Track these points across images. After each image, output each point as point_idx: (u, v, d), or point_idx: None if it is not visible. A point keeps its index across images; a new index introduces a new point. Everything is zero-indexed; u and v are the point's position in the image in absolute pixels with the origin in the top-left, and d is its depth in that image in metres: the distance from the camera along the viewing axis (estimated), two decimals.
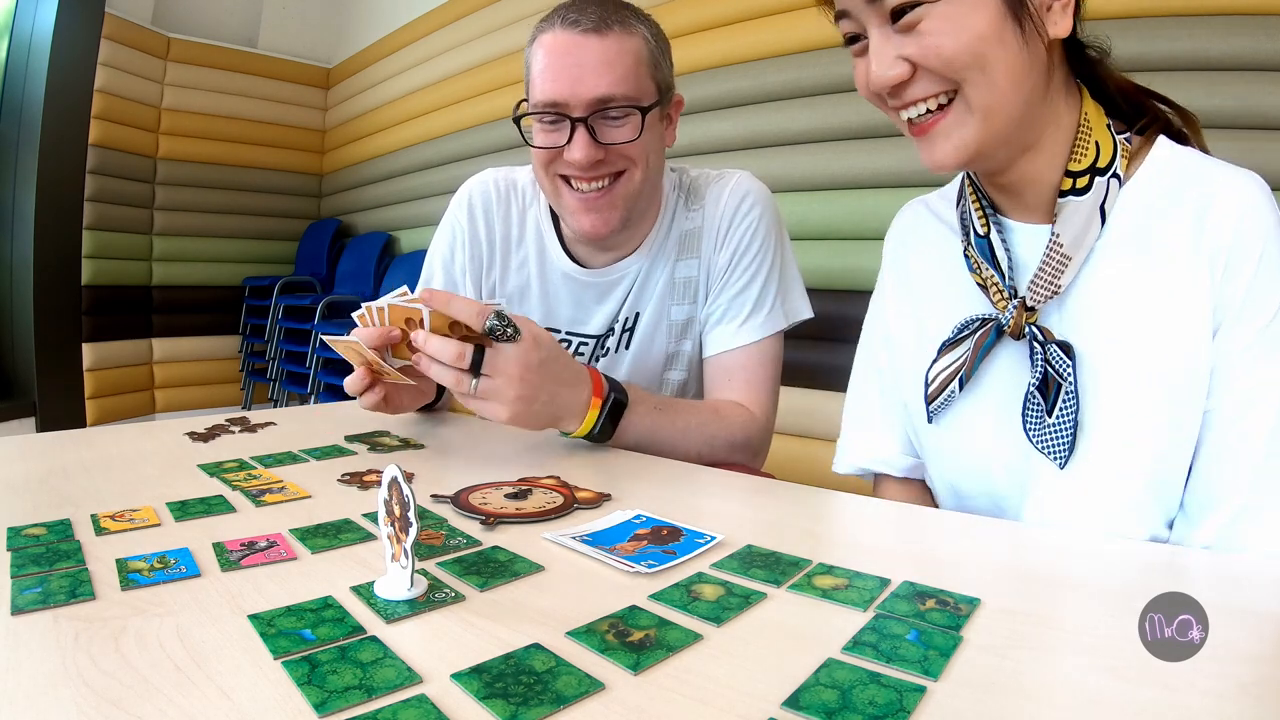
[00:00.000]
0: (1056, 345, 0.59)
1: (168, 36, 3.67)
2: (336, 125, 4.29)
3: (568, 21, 0.85)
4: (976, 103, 0.57)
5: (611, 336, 1.01)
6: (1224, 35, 1.44)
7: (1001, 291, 0.63)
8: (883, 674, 0.34)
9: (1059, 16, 0.57)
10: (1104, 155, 0.60)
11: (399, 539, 0.42)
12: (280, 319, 3.63)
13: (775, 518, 0.59)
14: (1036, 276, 0.61)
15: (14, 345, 3.25)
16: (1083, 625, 0.40)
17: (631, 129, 0.86)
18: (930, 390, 0.67)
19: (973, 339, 0.65)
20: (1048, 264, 0.61)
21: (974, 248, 0.66)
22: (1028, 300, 0.62)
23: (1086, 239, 0.60)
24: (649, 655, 0.36)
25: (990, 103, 0.57)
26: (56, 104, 3.12)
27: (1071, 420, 0.59)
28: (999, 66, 0.56)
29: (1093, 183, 0.60)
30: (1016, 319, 0.62)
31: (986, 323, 0.64)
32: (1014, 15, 0.55)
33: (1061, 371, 0.59)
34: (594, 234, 0.91)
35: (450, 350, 0.70)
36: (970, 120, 0.58)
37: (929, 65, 0.57)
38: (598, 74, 0.84)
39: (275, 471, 0.68)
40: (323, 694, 0.32)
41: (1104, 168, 0.60)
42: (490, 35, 3.16)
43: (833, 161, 1.96)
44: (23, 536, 0.49)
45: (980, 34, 0.55)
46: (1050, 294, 0.61)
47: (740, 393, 0.94)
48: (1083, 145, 0.61)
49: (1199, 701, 0.32)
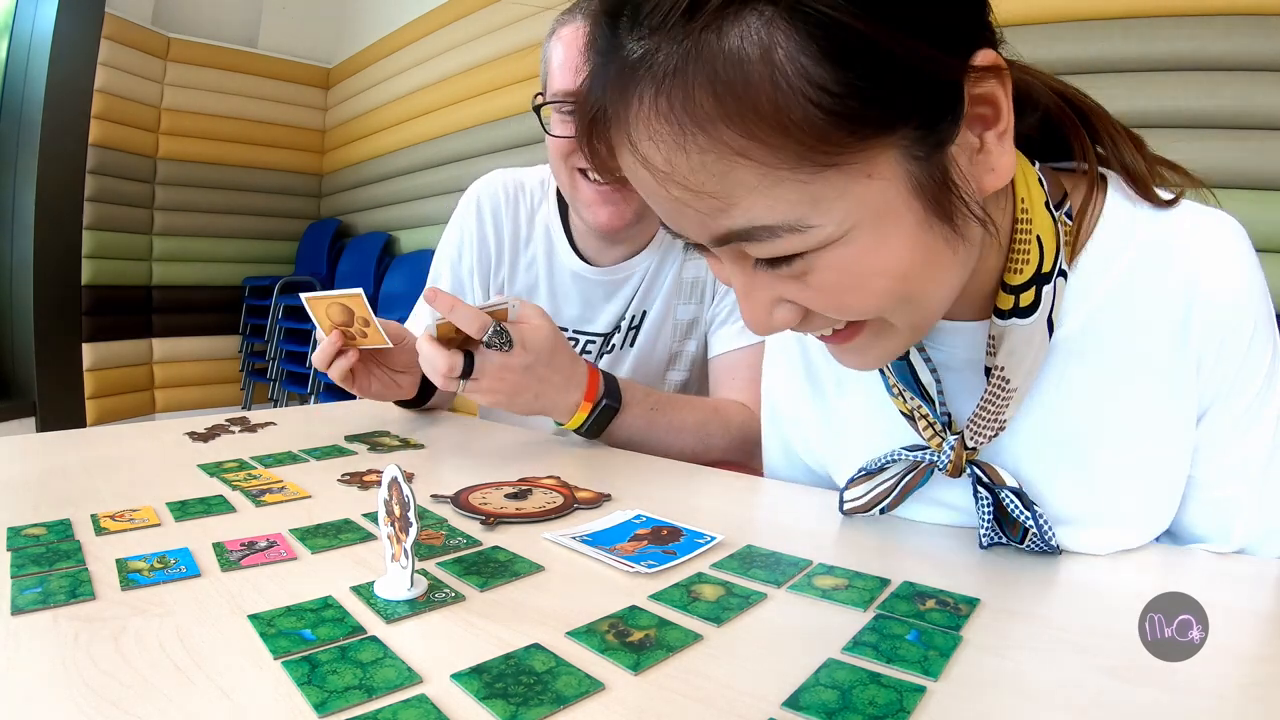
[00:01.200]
0: (1011, 493, 0.48)
1: (168, 36, 3.67)
2: (336, 125, 4.29)
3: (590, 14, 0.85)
4: (901, 324, 0.44)
5: (617, 334, 1.01)
6: (1224, 35, 1.44)
7: (932, 425, 0.52)
8: (883, 674, 0.34)
9: (996, 156, 0.40)
10: (1048, 254, 0.47)
11: (399, 539, 0.42)
12: (280, 319, 3.63)
13: (775, 518, 0.59)
14: (976, 417, 0.50)
15: (14, 345, 3.25)
16: (1083, 625, 0.40)
17: None
18: (846, 506, 0.56)
19: (900, 478, 0.53)
20: (990, 404, 0.49)
21: (891, 370, 0.53)
22: (967, 439, 0.50)
23: (1035, 363, 0.48)
24: (649, 655, 0.36)
25: (918, 321, 0.45)
26: (56, 104, 3.12)
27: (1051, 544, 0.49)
28: (926, 289, 0.42)
29: (1039, 297, 0.46)
30: (955, 460, 0.50)
31: (917, 466, 0.53)
32: (940, 214, 0.39)
33: (1024, 521, 0.48)
34: (608, 227, 0.91)
35: (441, 364, 0.73)
36: (892, 336, 0.45)
37: (835, 315, 0.43)
38: None
39: (275, 471, 0.68)
40: (323, 694, 0.32)
41: (1049, 272, 0.47)
42: (490, 35, 3.16)
43: None
44: (23, 536, 0.49)
45: (899, 268, 0.40)
46: (995, 433, 0.50)
47: (743, 392, 0.94)
48: (1022, 251, 0.46)
49: (1199, 701, 0.32)
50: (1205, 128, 1.48)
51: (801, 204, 0.37)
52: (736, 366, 0.96)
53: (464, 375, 0.74)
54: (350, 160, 4.13)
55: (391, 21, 3.81)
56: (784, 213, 0.37)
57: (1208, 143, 1.47)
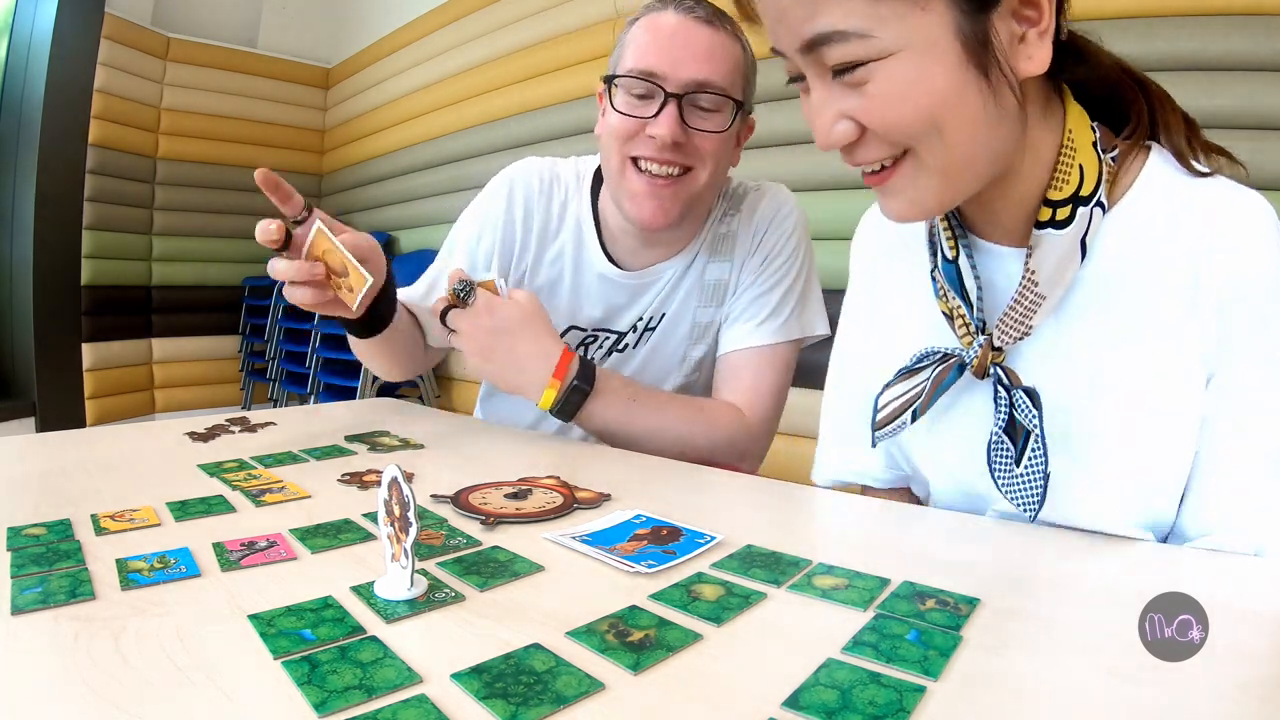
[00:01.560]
0: (1023, 392, 0.53)
1: (167, 36, 3.67)
2: (336, 125, 4.29)
3: (683, 8, 0.86)
4: (932, 165, 0.51)
5: (631, 334, 1.00)
6: (1224, 35, 1.44)
7: (968, 325, 0.58)
8: (883, 674, 0.34)
9: (1034, 49, 0.49)
10: (1088, 181, 0.53)
11: (399, 539, 0.42)
12: (280, 319, 3.63)
13: (775, 518, 0.59)
14: (1006, 316, 0.55)
15: (14, 345, 3.25)
16: (1083, 625, 0.40)
17: (721, 120, 0.87)
18: (879, 416, 0.62)
19: (932, 373, 0.59)
20: (1019, 303, 0.55)
21: (940, 272, 0.60)
22: (995, 340, 0.56)
23: (1064, 276, 0.54)
24: (649, 655, 0.36)
25: (948, 164, 0.51)
26: (56, 104, 3.12)
27: (1041, 472, 0.53)
28: (958, 128, 0.49)
29: (1074, 214, 0.53)
30: (981, 359, 0.56)
31: (948, 359, 0.58)
32: (977, 64, 0.47)
33: (1027, 422, 0.53)
34: (651, 222, 0.89)
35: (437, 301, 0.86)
36: (926, 179, 0.52)
37: (878, 130, 0.50)
38: (700, 59, 0.84)
39: (275, 471, 0.68)
40: (323, 694, 0.32)
41: (1087, 196, 0.53)
42: (490, 35, 3.16)
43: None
44: (23, 536, 0.49)
45: (936, 95, 0.48)
46: (1020, 335, 0.55)
47: (740, 394, 0.94)
48: (1064, 171, 0.54)
49: (1199, 701, 0.33)
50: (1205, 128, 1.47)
51: (868, 17, 0.47)
52: (739, 368, 0.95)
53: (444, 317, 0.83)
54: (350, 160, 4.13)
55: (391, 21, 3.81)
56: (853, 22, 0.47)
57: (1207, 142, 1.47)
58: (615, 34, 2.76)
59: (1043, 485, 0.53)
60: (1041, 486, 0.53)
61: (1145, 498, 0.54)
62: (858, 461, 0.72)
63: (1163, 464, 0.54)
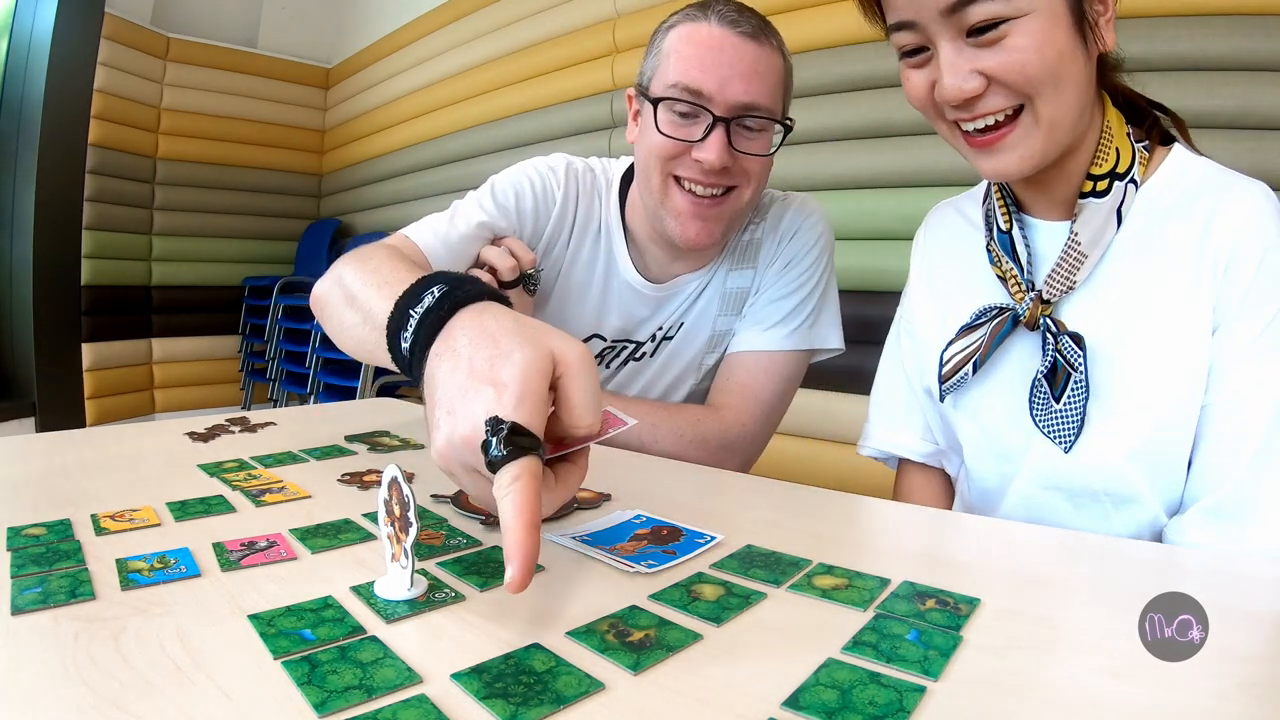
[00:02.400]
0: (1068, 336, 0.62)
1: (167, 36, 3.67)
2: (336, 125, 4.29)
3: (726, 20, 0.83)
4: (1045, 116, 0.59)
5: (650, 343, 0.99)
6: (1224, 35, 1.44)
7: (1020, 284, 0.67)
8: (883, 674, 0.34)
9: (1105, 31, 0.60)
10: (1123, 161, 0.63)
11: (399, 539, 0.42)
12: (280, 319, 3.63)
13: (775, 518, 0.59)
14: (1054, 271, 0.64)
15: (14, 345, 3.25)
16: (1083, 625, 0.40)
17: (766, 142, 0.86)
18: (945, 370, 0.71)
19: (990, 325, 0.68)
20: (1065, 260, 0.64)
21: (996, 242, 0.70)
22: (1044, 294, 0.65)
23: (1103, 239, 0.63)
24: (649, 655, 0.36)
25: (1056, 116, 0.59)
26: (56, 104, 3.12)
27: (1080, 408, 0.61)
28: (1070, 82, 0.58)
29: (1112, 186, 0.63)
30: (1032, 310, 0.65)
31: (1003, 312, 0.67)
32: (1079, 32, 0.58)
33: (1072, 361, 0.61)
34: (696, 242, 0.87)
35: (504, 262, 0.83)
36: (1036, 133, 0.60)
37: (1008, 80, 0.58)
38: (748, 79, 0.82)
39: (275, 471, 0.68)
40: (323, 694, 0.32)
41: (1123, 173, 0.63)
42: (490, 35, 3.16)
43: (832, 161, 1.96)
44: (23, 536, 0.49)
45: (1060, 52, 0.57)
46: (1066, 288, 0.64)
47: (726, 393, 0.93)
48: (1105, 150, 0.64)
49: (1199, 701, 0.32)
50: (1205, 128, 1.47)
51: None
52: (734, 368, 0.95)
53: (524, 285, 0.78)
54: (350, 160, 4.13)
55: (391, 21, 3.81)
56: None
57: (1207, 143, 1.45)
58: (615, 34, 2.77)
59: (1079, 420, 0.61)
60: (1079, 420, 0.62)
61: (1161, 445, 0.61)
62: (900, 435, 0.81)
63: (1177, 409, 0.60)
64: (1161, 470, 0.61)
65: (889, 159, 1.88)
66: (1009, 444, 0.69)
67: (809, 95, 2.02)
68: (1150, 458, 0.61)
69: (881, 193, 1.89)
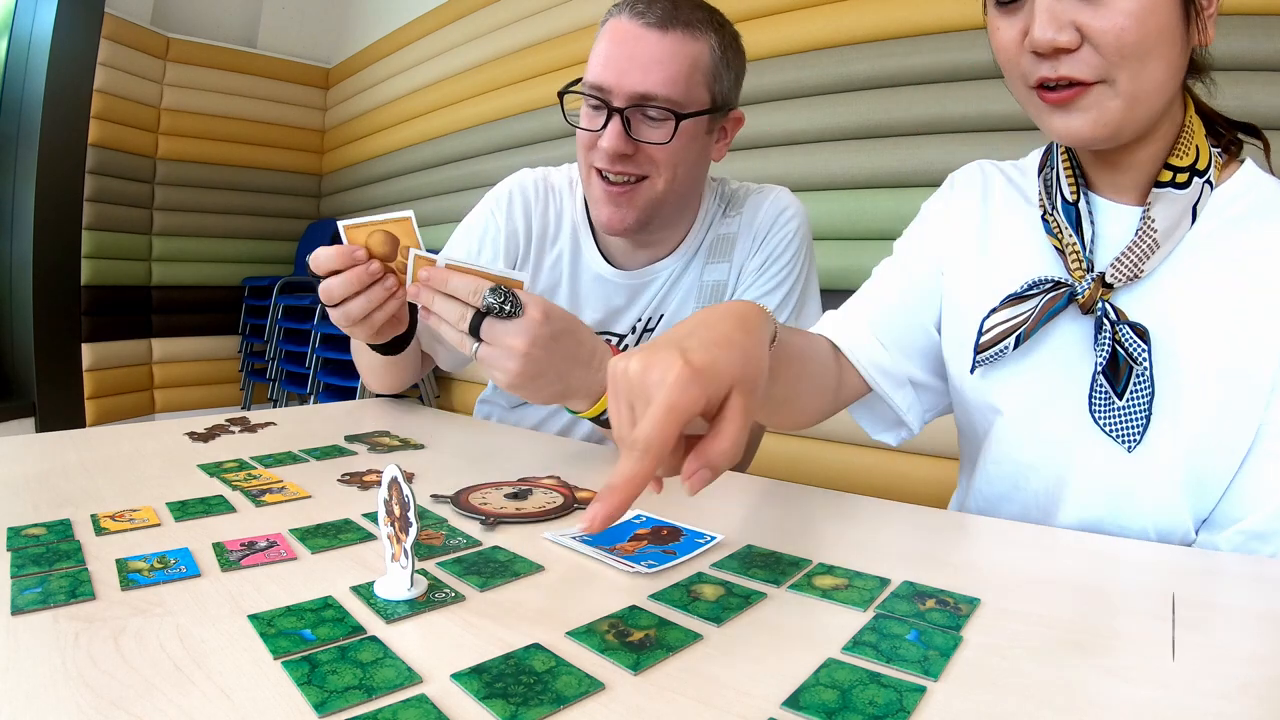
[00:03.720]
0: (1129, 326, 0.58)
1: (167, 36, 3.67)
2: (336, 125, 4.29)
3: (634, 11, 0.85)
4: (1126, 89, 0.56)
5: (631, 336, 1.00)
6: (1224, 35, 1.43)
7: (1081, 261, 0.63)
8: (883, 674, 0.34)
9: (1209, 25, 0.57)
10: (1202, 159, 0.61)
11: (399, 539, 0.42)
12: (280, 319, 3.63)
13: (775, 518, 0.59)
14: (1123, 255, 0.60)
15: (14, 345, 3.25)
16: (1083, 625, 0.40)
17: (665, 132, 0.86)
18: (983, 340, 0.66)
19: (1041, 299, 0.63)
20: (1137, 246, 0.60)
21: (1059, 212, 0.65)
22: (1107, 276, 0.61)
23: (1177, 231, 0.60)
24: (649, 655, 0.36)
25: (1138, 92, 0.56)
26: (56, 104, 3.12)
27: (1145, 406, 0.58)
28: (1160, 62, 0.55)
29: (1191, 181, 0.60)
30: (1092, 292, 0.61)
31: (1060, 286, 0.63)
32: (1184, 17, 0.55)
33: (1135, 355, 0.58)
34: (609, 227, 0.91)
35: (454, 311, 0.67)
36: (1115, 101, 0.57)
37: (1102, 43, 0.55)
38: (646, 69, 0.83)
39: (275, 471, 0.68)
40: (323, 694, 0.32)
41: (1202, 170, 0.60)
42: (490, 35, 3.16)
43: (831, 161, 1.96)
44: (23, 536, 0.49)
45: (1158, 26, 0.54)
46: (1132, 275, 0.60)
47: None
48: (1185, 145, 0.61)
49: (1199, 701, 0.32)
50: None
51: None
52: None
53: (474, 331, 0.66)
54: (350, 160, 4.13)
55: (391, 21, 3.81)
56: None
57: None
58: None
59: (1145, 419, 0.58)
60: (1145, 419, 0.58)
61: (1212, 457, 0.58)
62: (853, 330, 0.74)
63: (1236, 423, 0.58)
64: (1205, 482, 0.58)
65: (888, 159, 1.88)
66: (1053, 431, 0.64)
67: (809, 95, 2.02)
68: (1198, 468, 0.58)
69: (880, 192, 1.89)
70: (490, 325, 0.66)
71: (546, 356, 0.68)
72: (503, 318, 0.66)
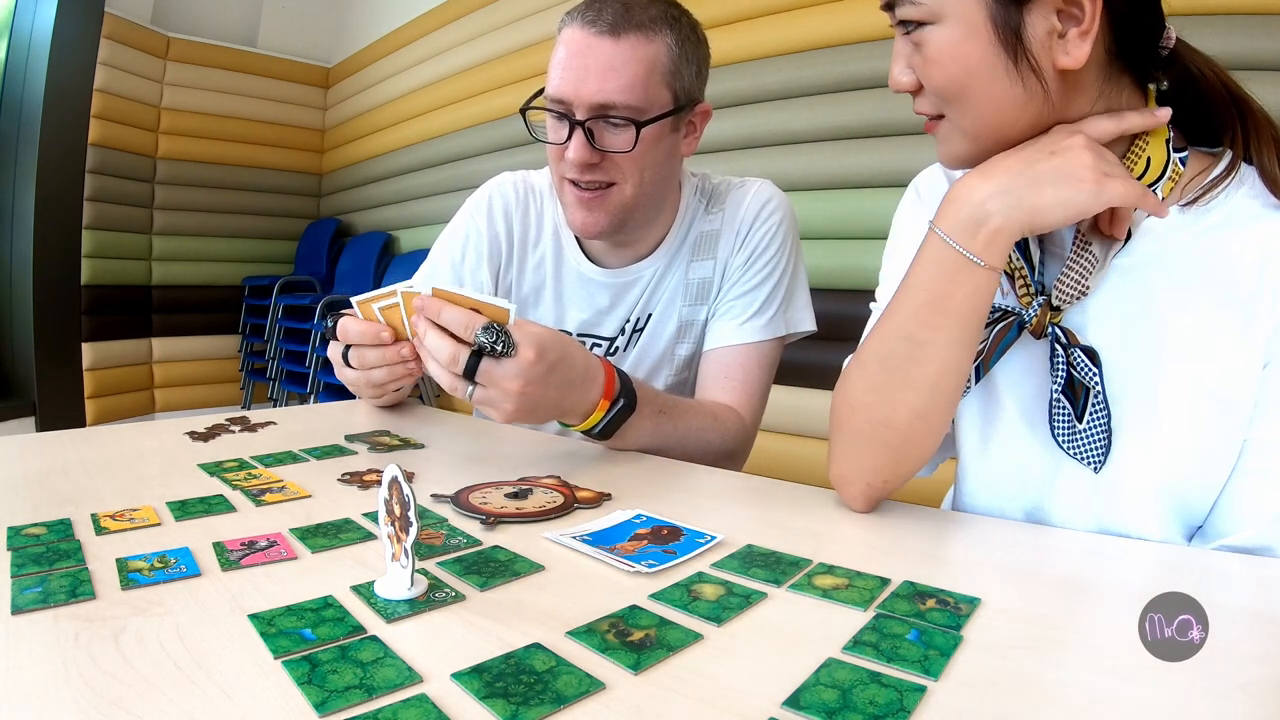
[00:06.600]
0: (1081, 350, 0.57)
1: (167, 36, 3.67)
2: (336, 125, 4.29)
3: (586, 19, 0.84)
4: (963, 128, 0.57)
5: (621, 337, 1.01)
6: (1224, 35, 1.44)
7: (1029, 285, 0.61)
8: (883, 674, 0.34)
9: (1073, 46, 0.52)
10: (1153, 170, 0.58)
11: (399, 539, 0.42)
12: (280, 318, 3.63)
13: (775, 518, 0.59)
14: (1063, 276, 0.59)
15: (14, 345, 3.25)
16: (1083, 625, 0.40)
17: (628, 139, 0.86)
18: None
19: (992, 331, 0.62)
20: (1075, 263, 0.59)
21: None
22: (1053, 299, 0.59)
23: (1114, 245, 0.58)
24: (649, 655, 0.36)
25: (976, 130, 0.57)
26: (56, 104, 3.12)
27: (1104, 426, 0.57)
28: (984, 101, 0.55)
29: None
30: (1040, 318, 0.59)
31: (1008, 316, 0.61)
32: (1007, 49, 0.53)
33: (1087, 379, 0.57)
34: (583, 231, 0.92)
35: (445, 352, 0.65)
36: (958, 136, 0.58)
37: (928, 88, 0.57)
38: (602, 79, 0.83)
39: (275, 471, 0.68)
40: (323, 693, 0.32)
41: (1151, 182, 0.57)
42: (490, 35, 3.16)
43: (831, 161, 1.96)
44: (23, 536, 0.49)
45: (968, 67, 0.54)
46: (1078, 295, 0.59)
47: (734, 394, 0.94)
48: (1134, 158, 0.58)
49: (1199, 701, 0.33)
50: None
51: None
52: (729, 365, 0.95)
53: (469, 375, 0.65)
54: (350, 160, 4.13)
55: (391, 21, 3.81)
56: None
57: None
58: None
59: (1106, 439, 0.57)
60: (1105, 440, 0.58)
61: (1195, 476, 0.56)
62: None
63: (1217, 441, 0.56)
64: (1188, 501, 0.57)
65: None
66: (1026, 459, 0.63)
67: (809, 95, 2.02)
68: (1178, 486, 0.57)
69: (880, 192, 1.89)
70: (486, 369, 0.65)
71: (542, 391, 0.68)
72: (495, 357, 0.65)
